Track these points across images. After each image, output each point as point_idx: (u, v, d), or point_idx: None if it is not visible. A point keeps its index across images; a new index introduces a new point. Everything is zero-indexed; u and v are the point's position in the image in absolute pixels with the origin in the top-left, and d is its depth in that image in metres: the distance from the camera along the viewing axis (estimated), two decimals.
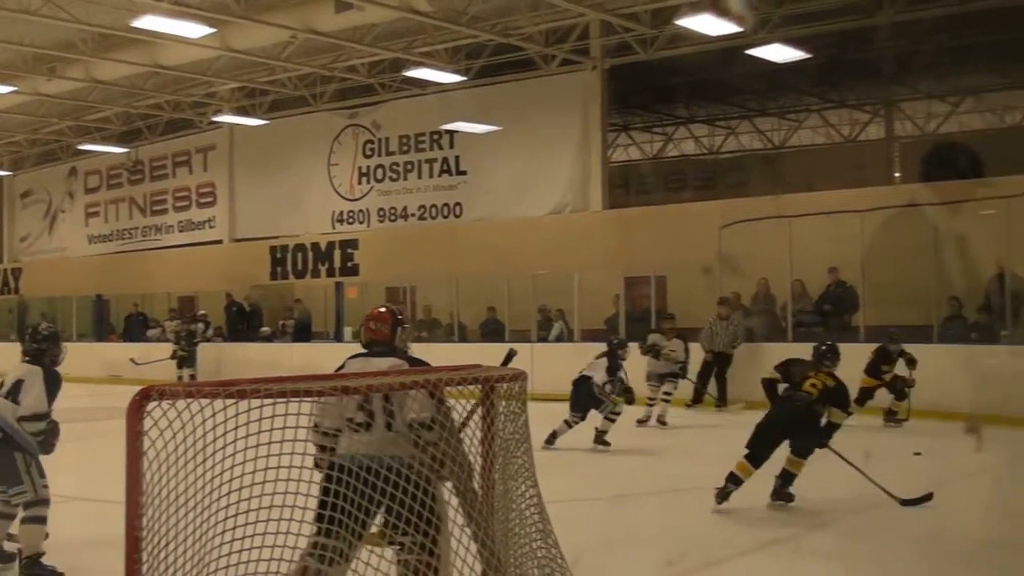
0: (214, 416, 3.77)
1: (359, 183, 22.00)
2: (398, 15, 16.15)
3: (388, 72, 20.31)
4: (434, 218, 20.76)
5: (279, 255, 22.52)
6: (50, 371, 6.55)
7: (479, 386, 4.41)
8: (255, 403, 3.76)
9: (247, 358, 20.35)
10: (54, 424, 6.47)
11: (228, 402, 3.75)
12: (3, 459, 6.36)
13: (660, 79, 20.40)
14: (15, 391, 6.42)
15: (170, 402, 3.71)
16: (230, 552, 3.96)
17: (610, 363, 11.57)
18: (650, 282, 17.90)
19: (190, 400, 3.75)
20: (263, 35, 17.44)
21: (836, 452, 8.43)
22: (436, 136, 20.73)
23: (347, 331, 20.89)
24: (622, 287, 18.14)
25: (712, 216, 16.61)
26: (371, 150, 21.80)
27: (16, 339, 26.01)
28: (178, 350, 20.97)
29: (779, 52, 16.26)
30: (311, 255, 22.00)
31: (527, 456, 4.50)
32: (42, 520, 6.44)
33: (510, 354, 5.85)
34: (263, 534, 3.97)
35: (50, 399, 6.47)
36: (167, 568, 3.74)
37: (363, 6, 15.72)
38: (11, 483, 6.37)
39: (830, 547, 7.43)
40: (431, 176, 20.83)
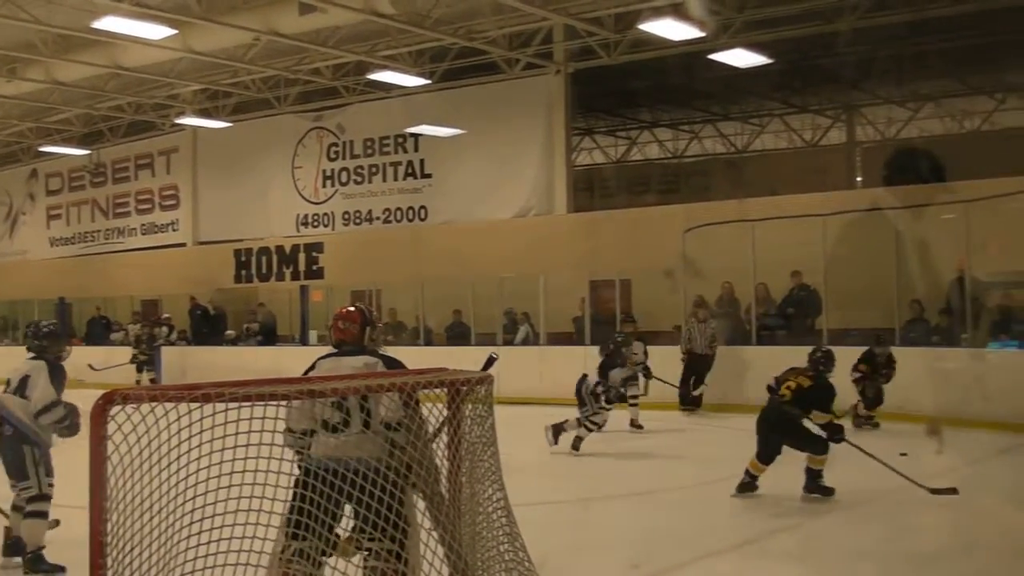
0: (179, 420, 3.75)
1: (323, 186, 21.90)
2: (362, 18, 16.10)
3: (352, 75, 20.22)
4: (399, 221, 20.70)
5: (243, 258, 22.41)
6: (55, 365, 6.70)
7: (445, 389, 4.40)
8: (220, 407, 3.75)
9: (212, 362, 20.21)
10: (71, 406, 6.59)
11: (192, 406, 3.73)
12: (13, 454, 6.53)
13: (624, 83, 20.47)
14: (22, 387, 6.59)
15: (134, 406, 3.68)
16: (195, 556, 3.95)
17: (603, 362, 11.58)
18: (615, 285, 17.96)
19: (154, 404, 3.72)
20: (225, 37, 17.31)
21: (857, 446, 8.56)
22: (401, 139, 20.66)
23: (312, 334, 20.84)
24: (587, 290, 18.19)
25: (676, 220, 16.71)
26: (335, 153, 21.70)
27: None
28: (138, 354, 20.81)
29: (741, 57, 16.35)
30: (276, 258, 21.91)
31: (494, 459, 4.50)
32: (43, 515, 6.55)
33: (490, 359, 5.83)
34: (228, 539, 3.97)
35: (58, 391, 6.62)
36: (132, 573, 3.72)
37: (326, 8, 15.65)
38: (19, 477, 6.54)
39: (796, 548, 7.50)
40: (396, 179, 20.77)
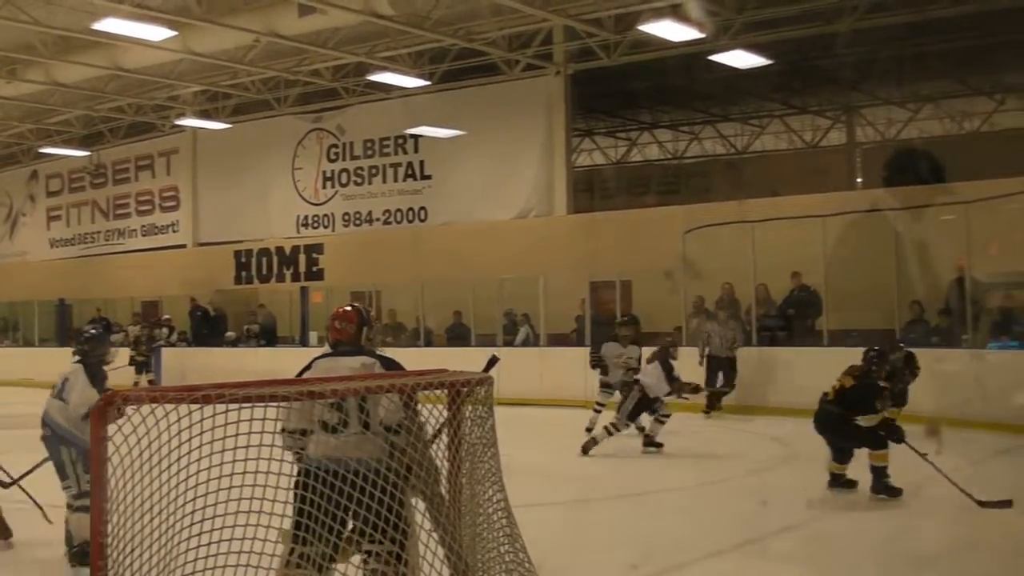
0: (179, 421, 3.76)
1: (323, 187, 21.90)
2: (361, 19, 16.10)
3: (352, 76, 20.22)
4: (399, 222, 20.70)
5: (243, 259, 22.43)
6: (94, 366, 6.89)
7: (446, 391, 4.40)
8: (219, 408, 3.75)
9: (212, 363, 20.24)
10: None
11: (192, 407, 3.73)
12: (52, 455, 6.77)
13: (624, 84, 20.46)
14: (62, 390, 6.79)
15: (134, 407, 3.69)
16: (195, 557, 3.95)
17: (664, 368, 11.58)
18: (615, 286, 17.95)
19: (154, 405, 3.73)
20: (225, 38, 17.32)
21: (915, 449, 8.55)
22: (401, 140, 20.66)
23: (313, 336, 20.84)
24: (588, 291, 18.19)
25: (676, 221, 16.72)
26: (335, 154, 21.71)
27: None
28: (136, 355, 20.78)
29: (741, 58, 16.34)
30: (276, 259, 21.93)
31: (494, 460, 4.50)
32: (88, 509, 6.58)
33: (492, 360, 5.83)
34: (228, 539, 3.97)
35: (100, 392, 6.64)
36: (132, 574, 3.73)
37: (326, 10, 15.66)
38: (61, 477, 6.75)
39: (797, 548, 7.48)
40: (396, 180, 20.77)
